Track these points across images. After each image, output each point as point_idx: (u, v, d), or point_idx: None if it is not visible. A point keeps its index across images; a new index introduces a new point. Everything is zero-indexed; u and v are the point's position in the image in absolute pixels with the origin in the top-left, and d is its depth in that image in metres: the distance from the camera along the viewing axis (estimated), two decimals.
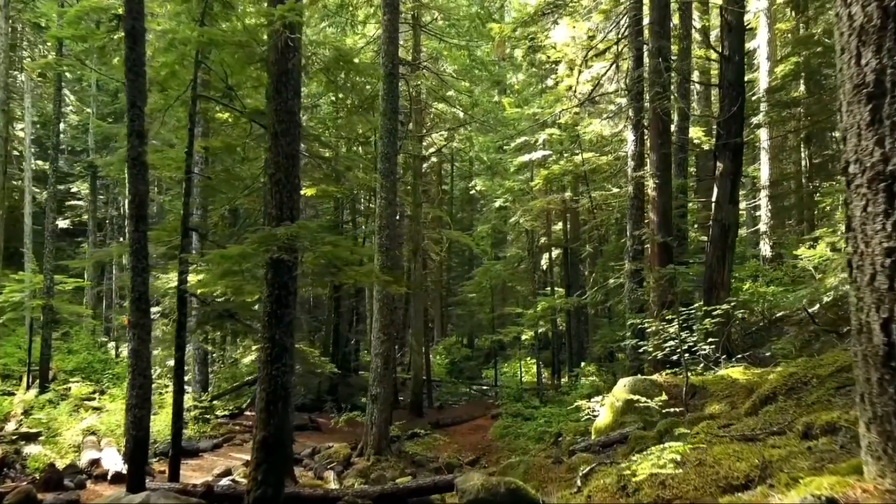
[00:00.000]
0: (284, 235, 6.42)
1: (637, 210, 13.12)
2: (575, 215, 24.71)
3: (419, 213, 21.41)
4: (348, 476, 12.63)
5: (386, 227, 14.14)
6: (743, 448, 3.57)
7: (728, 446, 3.69)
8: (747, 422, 4.85)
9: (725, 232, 12.03)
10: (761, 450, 3.43)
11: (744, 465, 3.22)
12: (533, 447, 15.32)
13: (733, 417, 5.85)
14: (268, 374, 6.69)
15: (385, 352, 14.03)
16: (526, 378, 27.91)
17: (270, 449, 6.55)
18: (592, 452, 7.49)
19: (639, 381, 8.47)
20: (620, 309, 13.06)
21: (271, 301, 6.77)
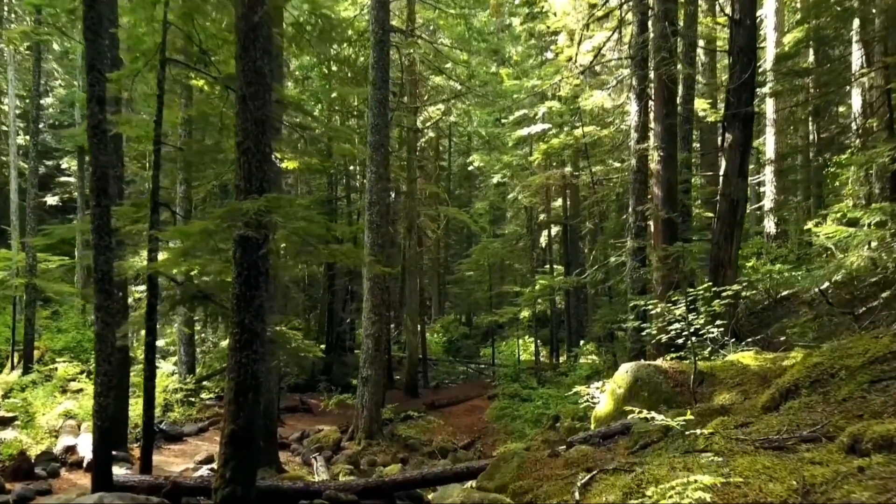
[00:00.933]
0: (252, 210, 5.78)
1: (640, 185, 12.45)
2: (575, 191, 24.02)
3: (414, 189, 20.74)
4: (337, 462, 12.14)
5: (376, 202, 13.49)
6: (774, 462, 2.99)
7: (754, 458, 3.11)
8: (769, 421, 4.26)
9: (734, 207, 11.39)
10: (798, 466, 2.85)
11: (779, 487, 2.63)
12: (530, 431, 14.84)
13: (749, 413, 5.26)
14: (237, 363, 6.09)
15: (376, 333, 13.47)
16: (524, 356, 27.45)
17: (240, 444, 5.98)
18: (592, 444, 6.92)
19: (642, 366, 7.89)
20: (622, 288, 12.46)
21: (240, 282, 6.16)
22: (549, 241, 28.34)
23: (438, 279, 36.88)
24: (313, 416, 16.18)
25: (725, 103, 11.62)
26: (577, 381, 16.10)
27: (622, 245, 13.26)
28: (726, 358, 8.14)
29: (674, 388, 7.54)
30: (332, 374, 23.59)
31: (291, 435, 13.77)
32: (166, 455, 11.82)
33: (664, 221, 11.60)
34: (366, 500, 7.49)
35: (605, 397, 8.25)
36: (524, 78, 22.59)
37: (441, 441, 14.31)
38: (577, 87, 18.51)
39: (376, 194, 13.49)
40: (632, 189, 12.55)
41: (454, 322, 36.07)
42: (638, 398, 7.68)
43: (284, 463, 11.86)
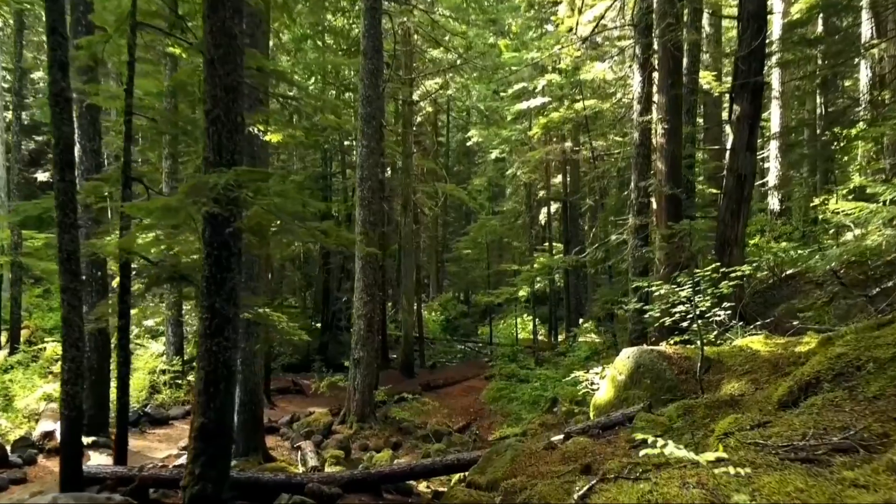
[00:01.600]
0: (219, 184, 5.26)
1: (643, 159, 11.89)
2: (575, 167, 23.44)
3: (410, 165, 20.16)
4: (328, 446, 11.75)
5: (368, 178, 12.95)
6: (808, 482, 2.53)
7: (783, 475, 2.64)
8: (789, 420, 3.79)
9: (741, 183, 10.85)
10: (839, 490, 2.38)
11: None
12: (527, 414, 14.47)
13: (764, 407, 4.79)
14: (207, 350, 5.62)
15: (368, 313, 13.01)
16: (522, 335, 27.08)
17: (210, 437, 5.53)
18: (591, 436, 6.48)
19: (644, 352, 7.43)
20: (622, 268, 11.97)
21: (210, 263, 5.66)
22: (548, 219, 27.81)
23: (436, 257, 36.41)
24: (305, 398, 15.81)
25: (734, 73, 11.02)
26: (576, 362, 15.71)
27: (623, 223, 12.75)
28: (734, 343, 7.68)
29: (678, 376, 7.09)
30: (327, 353, 23.23)
31: (281, 419, 13.38)
32: (150, 440, 11.44)
33: (668, 198, 11.08)
34: (351, 494, 7.08)
35: (605, 384, 7.80)
36: (523, 50, 21.87)
37: (435, 424, 13.93)
38: (577, 58, 17.85)
39: (368, 169, 12.94)
40: (634, 164, 12.00)
41: (452, 300, 35.69)
42: (640, 385, 7.24)
43: (273, 448, 11.48)
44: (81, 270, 7.24)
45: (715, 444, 3.97)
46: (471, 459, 6.98)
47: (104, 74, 15.62)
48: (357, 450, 12.17)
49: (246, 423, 10.04)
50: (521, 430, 12.47)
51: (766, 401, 5.19)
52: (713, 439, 4.05)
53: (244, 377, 10.06)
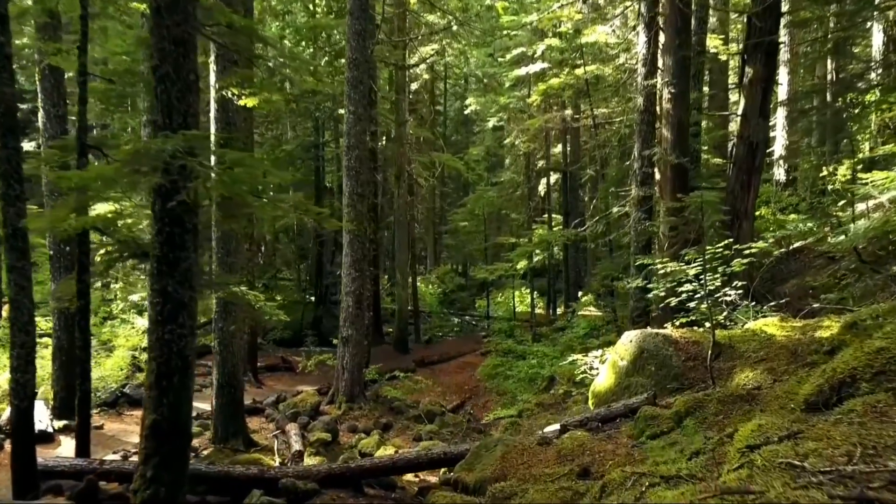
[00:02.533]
0: (166, 151, 4.58)
1: (647, 126, 11.16)
2: (576, 135, 22.64)
3: (403, 133, 19.37)
4: (314, 429, 11.21)
5: (355, 146, 12.21)
6: None
7: None
8: (826, 431, 3.17)
9: (752, 151, 10.17)
10: None
11: None
12: (523, 392, 13.95)
13: (789, 408, 4.19)
14: (159, 339, 4.99)
15: (357, 289, 12.40)
16: (520, 308, 26.55)
17: (164, 437, 4.94)
18: (590, 429, 5.91)
19: (648, 336, 6.83)
20: (624, 242, 11.32)
21: (161, 241, 5.00)
22: (547, 190, 27.06)
23: (433, 229, 35.75)
24: (295, 376, 15.29)
25: (746, 31, 10.25)
26: (574, 339, 15.17)
27: (625, 194, 12.07)
28: (746, 326, 7.06)
29: (685, 363, 6.49)
30: (321, 327, 22.68)
31: (267, 398, 12.84)
32: (127, 422, 10.91)
33: (673, 167, 10.38)
34: (329, 490, 6.53)
35: (606, 369, 7.21)
36: (522, 13, 20.92)
37: (428, 403, 13.42)
38: (578, 21, 16.97)
39: (355, 137, 12.20)
40: (637, 131, 11.27)
41: (450, 273, 35.11)
42: (643, 372, 6.65)
43: (256, 431, 10.96)
44: (30, 246, 6.59)
45: (735, 458, 3.36)
46: (458, 453, 6.42)
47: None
48: (345, 431, 11.66)
49: (225, 406, 9.50)
50: (517, 412, 11.97)
51: (788, 397, 4.58)
52: (733, 451, 3.43)
53: (222, 358, 9.49)
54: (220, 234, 9.28)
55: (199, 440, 9.67)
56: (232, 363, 9.53)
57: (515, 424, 11.53)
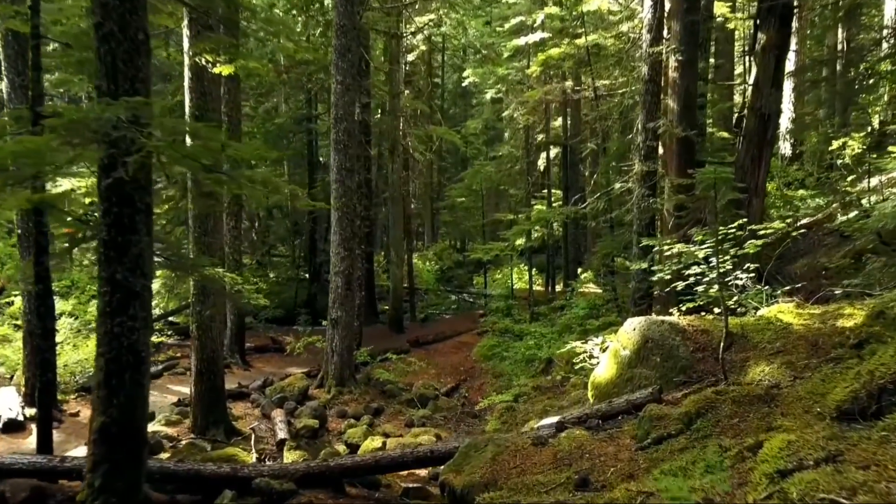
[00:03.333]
0: (106, 121, 3.99)
1: (652, 97, 10.50)
2: (577, 108, 21.90)
3: (397, 105, 18.65)
4: (301, 414, 10.77)
5: (343, 118, 11.57)
6: None
7: None
8: (875, 453, 2.65)
9: (764, 123, 9.55)
10: None
11: None
12: (520, 374, 13.49)
13: (817, 415, 3.67)
14: (107, 333, 4.46)
15: (346, 269, 11.86)
16: (519, 285, 26.04)
17: (114, 441, 4.43)
18: (589, 428, 5.41)
19: (653, 323, 6.29)
20: (627, 219, 10.75)
21: (108, 223, 4.44)
22: (547, 164, 26.38)
23: (431, 205, 35.10)
24: (284, 357, 14.81)
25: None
26: (573, 320, 14.67)
27: (628, 169, 11.46)
28: (759, 313, 6.53)
29: (693, 353, 5.97)
30: (315, 305, 22.18)
31: (253, 382, 12.36)
32: None
33: (680, 141, 9.77)
34: (307, 490, 6.06)
35: (606, 359, 6.69)
36: None
37: (422, 386, 12.96)
38: None
39: (343, 108, 11.56)
40: (642, 102, 10.62)
41: (447, 249, 34.52)
42: (648, 363, 6.13)
43: (241, 417, 10.51)
44: None
45: (762, 484, 2.84)
46: (446, 451, 5.92)
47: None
48: (334, 417, 11.22)
49: (204, 394, 9.02)
50: (513, 396, 11.50)
51: (814, 400, 4.05)
52: (758, 474, 2.91)
53: (200, 343, 8.99)
54: (197, 211, 8.72)
55: (178, 429, 9.21)
56: (211, 348, 9.02)
57: (511, 410, 11.09)
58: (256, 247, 29.18)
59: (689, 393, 5.52)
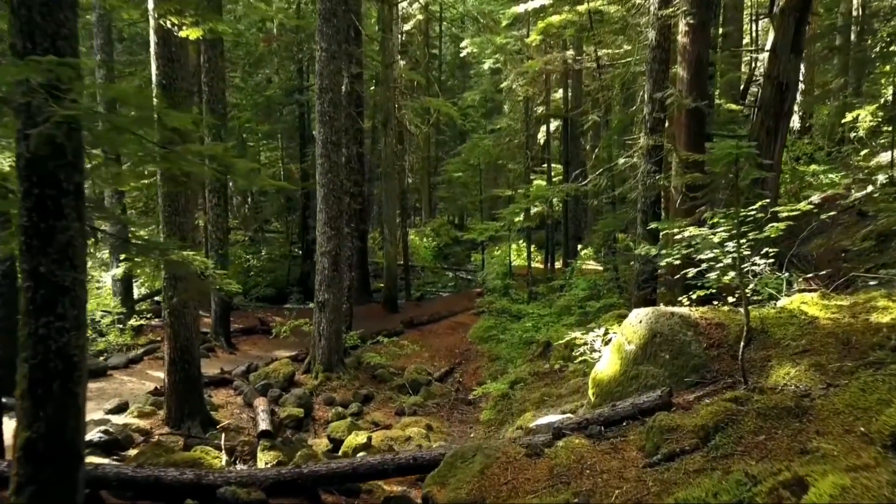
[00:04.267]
0: (14, 84, 3.32)
1: (659, 65, 9.74)
2: (578, 79, 21.06)
3: (390, 76, 17.82)
4: (286, 402, 10.23)
5: (329, 88, 10.83)
6: None
7: None
8: None
9: (782, 92, 8.84)
10: None
11: None
12: (517, 359, 12.92)
13: (861, 438, 3.06)
14: (31, 334, 3.84)
15: (333, 249, 11.22)
16: (517, 262, 25.43)
17: (42, 459, 3.83)
18: (589, 436, 4.81)
19: (661, 315, 5.67)
20: (632, 197, 10.07)
21: (29, 207, 3.78)
22: (547, 138, 25.60)
23: (428, 179, 34.33)
24: (272, 340, 14.22)
25: None
26: (573, 300, 14.07)
27: (632, 143, 10.75)
28: (779, 304, 5.90)
29: (707, 350, 5.35)
30: (307, 283, 21.54)
31: (237, 367, 11.79)
32: None
33: (689, 112, 9.05)
34: (278, 498, 5.49)
35: (609, 353, 6.07)
36: None
37: (414, 371, 12.40)
38: None
39: (328, 78, 10.81)
40: (648, 71, 9.87)
41: (445, 225, 33.81)
42: (655, 360, 5.52)
43: (221, 406, 9.97)
44: None
45: None
46: (431, 459, 5.34)
47: None
48: (321, 405, 10.68)
49: (178, 384, 8.44)
50: (509, 383, 10.95)
51: (854, 416, 3.46)
52: None
53: (173, 331, 8.39)
54: (166, 189, 8.05)
55: (152, 421, 8.65)
56: (185, 336, 8.42)
57: (506, 397, 10.55)
58: (249, 223, 28.52)
59: (702, 396, 4.92)
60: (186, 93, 8.09)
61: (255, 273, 22.57)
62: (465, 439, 9.46)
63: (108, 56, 12.72)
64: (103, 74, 12.75)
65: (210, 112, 12.88)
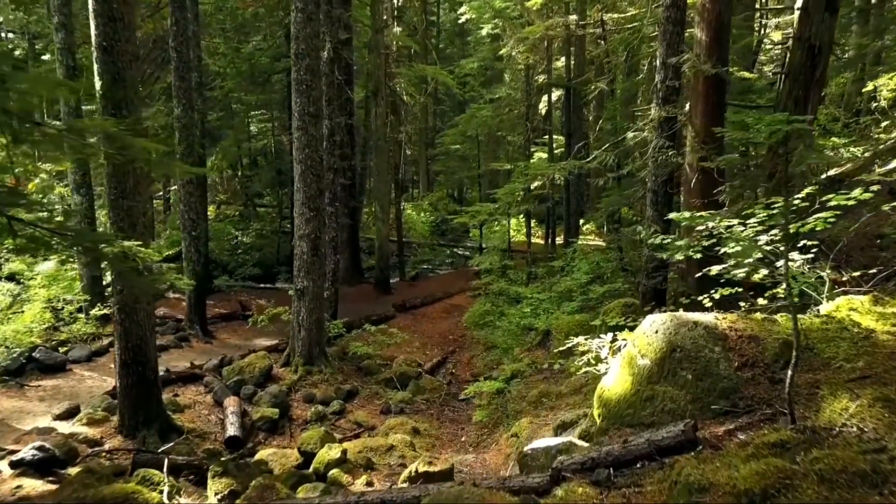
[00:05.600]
0: None
1: (674, 25, 8.61)
2: (581, 46, 19.82)
3: (381, 41, 16.64)
4: (261, 401, 9.36)
5: (305, 54, 9.75)
6: None
7: None
8: None
9: (814, 56, 7.76)
10: None
11: None
12: (514, 349, 12.01)
13: None
14: None
15: (312, 232, 10.24)
16: (517, 238, 24.46)
17: None
18: (596, 483, 3.88)
19: (682, 325, 4.71)
20: (642, 175, 9.04)
21: None
22: (548, 108, 24.40)
23: (426, 151, 33.16)
24: (253, 327, 13.29)
25: None
26: (575, 286, 13.12)
27: (640, 114, 9.69)
28: (822, 309, 4.93)
29: (739, 372, 4.40)
30: None
31: (209, 360, 10.87)
32: (30, 397, 8.99)
33: (709, 80, 7.99)
34: None
35: (619, 368, 5.12)
36: None
37: (403, 362, 11.53)
38: None
39: (305, 42, 9.70)
40: (661, 33, 8.75)
41: (444, 199, 32.74)
42: (675, 380, 4.58)
43: (188, 407, 9.07)
44: None
45: None
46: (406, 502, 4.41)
47: None
48: (300, 402, 9.83)
49: (131, 389, 7.54)
50: (505, 380, 10.06)
51: None
52: None
53: (124, 329, 7.46)
54: (111, 169, 7.04)
55: (104, 429, 7.77)
56: (138, 335, 7.49)
57: (501, 395, 9.68)
58: (238, 197, 27.46)
59: (735, 430, 3.99)
60: (132, 57, 7.03)
61: (244, 251, 21.61)
62: (456, 445, 8.60)
63: (67, 17, 11.57)
64: (62, 38, 11.62)
65: (179, 80, 11.78)
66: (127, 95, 7.06)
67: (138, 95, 7.22)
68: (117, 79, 6.94)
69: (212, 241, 21.40)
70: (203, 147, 15.57)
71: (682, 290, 8.18)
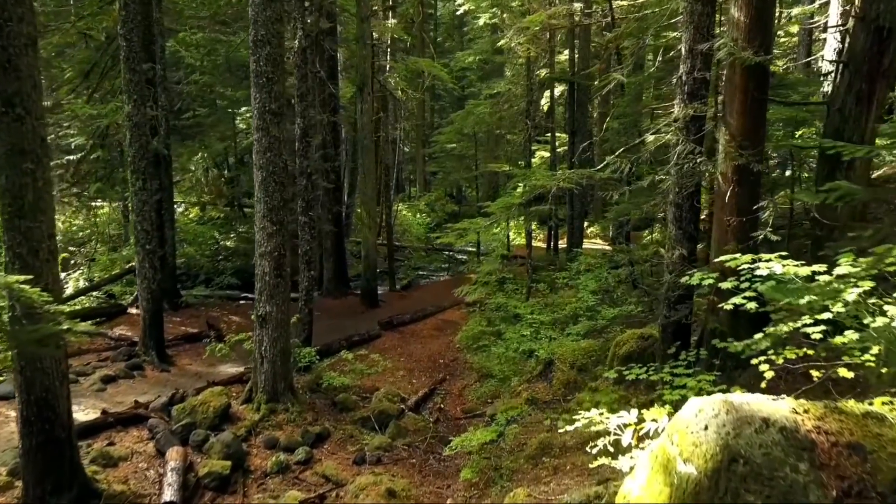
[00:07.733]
0: None
1: (704, 6, 7.12)
2: (586, 37, 18.35)
3: (367, 31, 15.15)
4: (211, 450, 7.93)
5: (265, 41, 8.28)
6: None
7: None
8: None
9: (881, 41, 6.29)
10: None
11: None
12: (512, 379, 10.59)
13: None
14: None
15: (275, 250, 8.79)
16: (517, 241, 23.02)
17: None
18: None
19: (744, 421, 3.25)
20: (665, 187, 7.55)
21: None
22: (551, 104, 22.93)
23: (423, 149, 31.70)
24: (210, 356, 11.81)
25: None
26: (580, 307, 11.66)
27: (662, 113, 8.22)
28: None
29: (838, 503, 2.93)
30: None
31: (157, 398, 9.36)
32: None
33: (748, 70, 6.52)
34: None
35: (647, 470, 3.64)
36: None
37: (384, 396, 10.09)
38: None
39: (265, 27, 8.24)
40: (688, 14, 7.24)
41: (441, 199, 31.23)
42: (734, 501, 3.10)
43: (123, 459, 7.65)
44: None
45: None
46: None
47: None
48: (261, 448, 8.40)
49: (35, 452, 6.11)
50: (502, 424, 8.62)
51: None
52: None
53: (25, 380, 6.02)
54: (5, 179, 5.62)
55: (5, 498, 6.34)
56: (43, 385, 6.05)
57: (496, 443, 8.26)
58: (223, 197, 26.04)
59: None
60: (28, 40, 5.59)
61: (224, 257, 20.19)
62: None
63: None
64: None
65: (129, 73, 10.32)
66: (23, 88, 5.63)
67: (38, 89, 5.77)
68: (8, 67, 5.52)
69: (191, 247, 20.00)
70: (168, 147, 14.13)
71: (713, 326, 6.72)
